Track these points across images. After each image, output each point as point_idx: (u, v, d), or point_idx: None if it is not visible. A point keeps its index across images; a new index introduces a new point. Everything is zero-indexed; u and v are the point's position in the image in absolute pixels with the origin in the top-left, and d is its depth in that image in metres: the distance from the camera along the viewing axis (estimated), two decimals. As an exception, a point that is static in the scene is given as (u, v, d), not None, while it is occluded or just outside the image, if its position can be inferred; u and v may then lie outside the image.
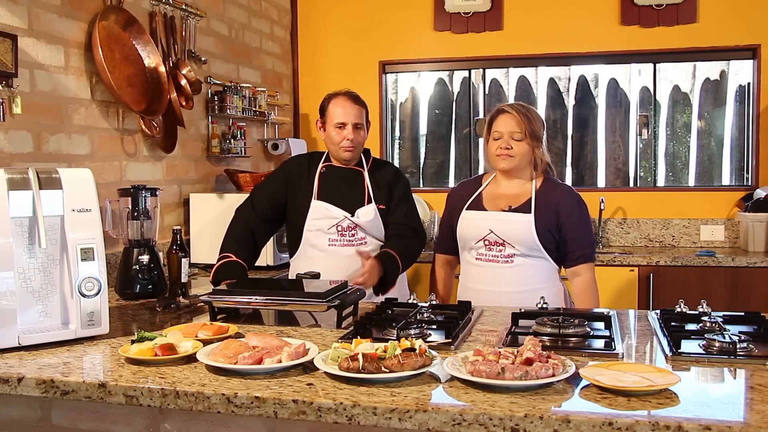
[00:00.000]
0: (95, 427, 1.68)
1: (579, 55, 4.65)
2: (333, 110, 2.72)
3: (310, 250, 2.76)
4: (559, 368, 1.52)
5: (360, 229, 2.73)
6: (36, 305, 1.93)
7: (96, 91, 2.99)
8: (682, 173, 4.73)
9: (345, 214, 2.72)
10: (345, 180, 2.78)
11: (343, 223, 2.72)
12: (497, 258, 2.55)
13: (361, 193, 2.77)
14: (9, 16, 2.55)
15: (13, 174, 1.91)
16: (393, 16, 4.83)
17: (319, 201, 2.74)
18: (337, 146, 2.73)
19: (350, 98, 2.74)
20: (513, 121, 2.51)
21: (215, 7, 3.97)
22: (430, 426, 1.38)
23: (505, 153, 2.52)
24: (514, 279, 2.53)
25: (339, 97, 2.74)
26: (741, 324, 2.00)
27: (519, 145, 2.51)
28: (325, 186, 2.76)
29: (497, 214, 2.56)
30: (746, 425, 1.28)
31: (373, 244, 2.76)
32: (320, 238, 2.74)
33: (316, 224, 2.73)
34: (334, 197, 2.74)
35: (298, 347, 1.67)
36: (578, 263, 2.54)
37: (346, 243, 2.73)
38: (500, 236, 2.52)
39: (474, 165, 4.94)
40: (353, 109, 2.72)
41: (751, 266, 3.86)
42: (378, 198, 2.77)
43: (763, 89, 4.37)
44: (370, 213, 2.74)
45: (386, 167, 2.88)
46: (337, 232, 2.72)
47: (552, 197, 2.54)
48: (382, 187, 2.79)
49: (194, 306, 2.44)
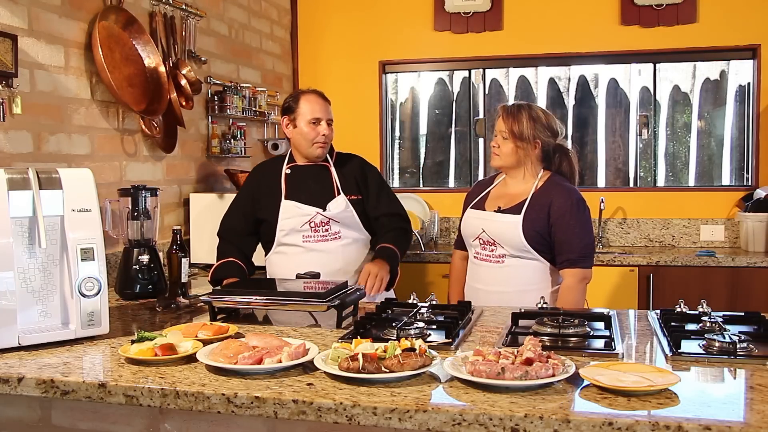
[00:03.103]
0: (95, 427, 1.68)
1: (579, 55, 4.65)
2: (305, 106, 2.75)
3: (283, 248, 2.79)
4: (559, 368, 1.52)
5: (333, 222, 2.75)
6: (36, 305, 1.93)
7: (96, 91, 2.99)
8: (682, 173, 4.73)
9: (316, 209, 2.74)
10: (312, 177, 2.80)
11: (315, 219, 2.73)
12: (490, 258, 2.58)
13: (329, 187, 2.78)
14: (9, 16, 2.55)
15: (13, 174, 1.91)
16: (393, 16, 4.83)
17: (289, 200, 2.76)
18: (310, 142, 2.75)
19: (321, 96, 2.80)
20: (502, 121, 2.58)
21: (215, 7, 3.97)
22: (430, 426, 1.38)
23: (493, 151, 2.61)
24: (504, 279, 2.55)
25: (310, 95, 2.78)
26: (741, 324, 2.00)
27: (505, 144, 2.57)
28: (293, 186, 2.78)
29: (489, 215, 2.59)
30: (746, 425, 1.28)
31: (348, 238, 2.77)
32: (293, 236, 2.75)
33: (289, 223, 2.75)
34: (303, 195, 2.76)
35: (298, 347, 1.68)
36: (562, 267, 2.50)
37: (320, 239, 2.75)
38: (491, 236, 2.55)
39: (474, 165, 4.94)
40: (325, 105, 2.79)
41: (751, 266, 3.86)
42: (347, 189, 2.79)
43: (763, 89, 4.37)
44: (341, 204, 2.75)
45: (352, 159, 2.91)
46: (311, 229, 2.74)
47: (546, 198, 2.51)
48: (351, 178, 2.81)
49: (194, 306, 2.44)
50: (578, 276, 2.48)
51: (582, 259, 2.48)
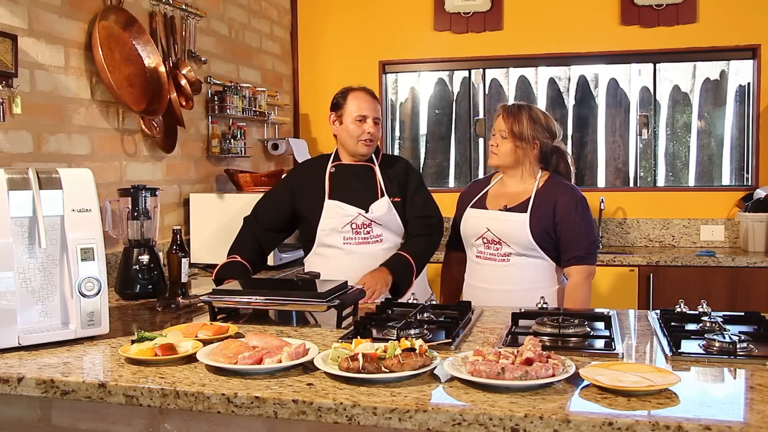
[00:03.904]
0: (95, 427, 1.68)
1: (579, 55, 4.65)
2: (352, 104, 2.70)
3: (323, 249, 2.74)
4: (559, 368, 1.52)
5: (375, 225, 2.70)
6: (36, 305, 1.93)
7: (96, 91, 2.99)
8: (682, 173, 4.73)
9: (359, 210, 2.69)
10: (356, 177, 2.75)
11: (357, 220, 2.69)
12: (494, 256, 2.58)
13: (373, 188, 2.74)
14: (9, 16, 2.55)
15: (13, 174, 1.91)
16: (393, 16, 4.83)
17: (332, 200, 2.71)
18: (356, 140, 2.70)
19: (369, 93, 2.75)
20: (501, 121, 2.59)
21: (215, 7, 3.97)
22: (430, 426, 1.38)
23: (491, 150, 2.63)
24: (510, 277, 2.55)
25: (358, 92, 2.73)
26: (741, 324, 2.00)
27: (504, 143, 2.58)
28: (337, 185, 2.74)
29: (494, 213, 2.59)
30: (746, 425, 1.28)
31: (390, 242, 2.72)
32: (334, 237, 2.71)
33: (330, 223, 2.70)
34: (346, 195, 2.71)
35: (298, 347, 1.67)
36: (569, 264, 2.53)
37: (362, 241, 2.70)
38: (496, 235, 2.55)
39: (474, 165, 4.94)
40: (373, 103, 2.73)
41: (751, 266, 3.86)
42: (391, 191, 2.73)
43: (763, 89, 4.37)
44: (383, 207, 2.71)
45: (397, 160, 2.86)
46: (352, 230, 2.69)
47: (550, 196, 2.55)
48: (394, 180, 2.76)
49: (194, 306, 2.44)
50: (585, 272, 2.52)
51: (588, 255, 2.52)
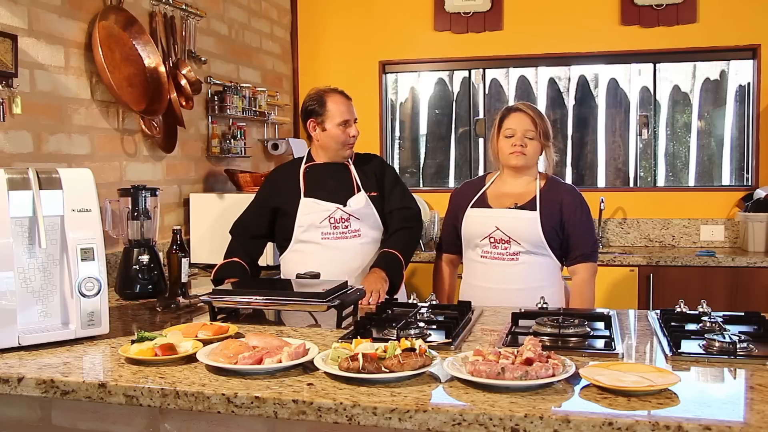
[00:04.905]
0: (95, 427, 1.68)
1: (579, 55, 4.65)
2: (334, 109, 2.73)
3: (300, 245, 2.76)
4: (559, 368, 1.52)
5: (354, 219, 2.73)
6: (36, 305, 1.93)
7: (96, 91, 2.99)
8: (682, 173, 4.73)
9: (336, 205, 2.72)
10: (331, 175, 2.79)
11: (335, 214, 2.71)
12: (502, 255, 2.57)
13: (349, 184, 2.77)
14: (9, 16, 2.55)
15: (13, 174, 1.91)
16: (393, 16, 4.83)
17: (308, 198, 2.74)
18: (341, 144, 2.74)
19: (344, 95, 2.78)
20: (527, 120, 2.57)
21: (215, 7, 3.97)
22: (430, 426, 1.38)
23: (519, 150, 2.57)
24: (518, 276, 2.55)
25: (334, 95, 2.76)
26: (741, 324, 2.00)
27: (531, 143, 2.57)
28: (312, 184, 2.77)
29: (503, 212, 2.58)
30: (746, 425, 1.28)
31: (368, 236, 2.75)
32: (312, 232, 2.73)
33: (308, 219, 2.72)
34: (322, 192, 2.74)
35: (298, 347, 1.68)
36: (576, 262, 2.58)
37: (340, 236, 2.72)
38: (506, 233, 2.55)
39: (474, 165, 4.94)
40: (350, 104, 2.78)
41: (751, 266, 3.86)
42: (367, 186, 2.78)
43: (763, 89, 4.37)
44: (361, 200, 2.74)
45: (372, 157, 2.91)
46: (330, 225, 2.72)
47: (556, 195, 2.58)
48: (371, 176, 2.80)
49: (194, 306, 2.44)
50: (591, 270, 2.58)
51: (594, 253, 2.59)
